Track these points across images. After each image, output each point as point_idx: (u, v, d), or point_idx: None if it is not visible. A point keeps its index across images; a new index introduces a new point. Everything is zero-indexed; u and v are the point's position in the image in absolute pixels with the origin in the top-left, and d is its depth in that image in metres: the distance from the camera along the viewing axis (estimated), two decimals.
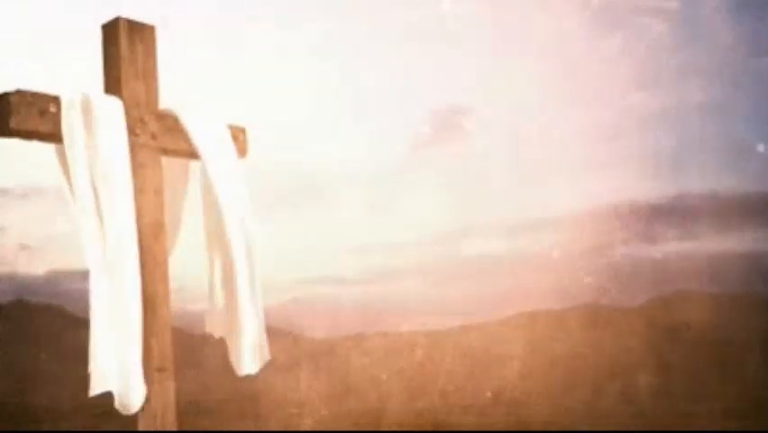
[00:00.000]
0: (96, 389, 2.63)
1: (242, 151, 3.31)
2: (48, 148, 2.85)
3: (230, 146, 3.23)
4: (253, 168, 3.32)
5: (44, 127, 2.74)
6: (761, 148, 16.43)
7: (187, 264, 3.21)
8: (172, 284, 2.98)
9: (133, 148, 2.90)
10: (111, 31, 3.01)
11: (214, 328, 3.21)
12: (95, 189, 2.74)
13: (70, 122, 2.76)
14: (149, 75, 3.05)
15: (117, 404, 2.70)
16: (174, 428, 2.91)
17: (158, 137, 3.02)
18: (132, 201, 2.81)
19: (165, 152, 3.07)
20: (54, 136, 2.78)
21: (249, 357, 3.12)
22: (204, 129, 3.15)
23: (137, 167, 2.89)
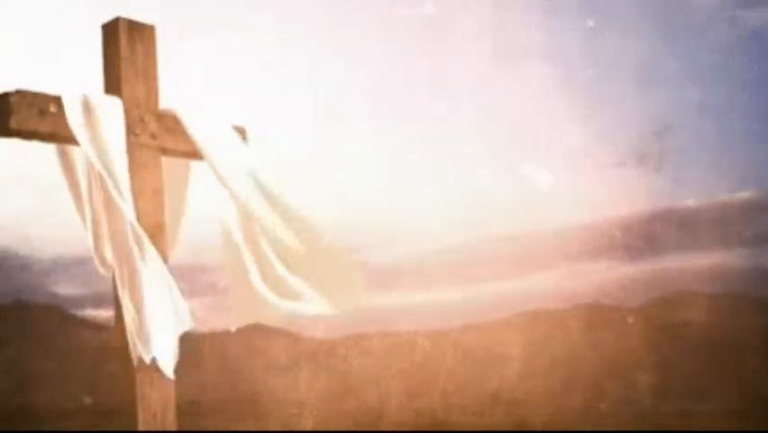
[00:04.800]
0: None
1: None
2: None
3: (236, 144, 3.23)
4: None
5: (44, 127, 2.74)
6: (762, 149, 16.45)
7: None
8: None
9: (133, 148, 2.91)
10: (111, 31, 3.02)
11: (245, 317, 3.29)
12: (99, 189, 2.75)
13: (72, 122, 2.77)
14: (149, 75, 3.05)
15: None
16: (174, 428, 2.92)
17: (158, 137, 3.02)
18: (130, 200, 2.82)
19: (165, 151, 3.07)
20: (54, 136, 2.78)
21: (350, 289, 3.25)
22: (207, 129, 3.16)
23: (137, 167, 2.89)
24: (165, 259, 2.97)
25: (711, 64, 16.17)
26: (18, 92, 2.69)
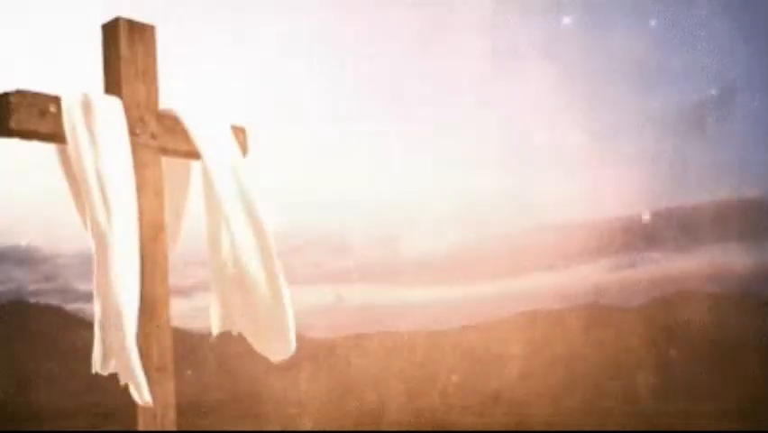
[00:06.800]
0: (123, 379, 2.67)
1: (242, 150, 3.31)
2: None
3: (232, 144, 3.22)
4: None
5: (44, 127, 2.74)
6: (762, 149, 16.46)
7: None
8: None
9: (133, 148, 2.90)
10: (111, 31, 3.01)
11: (225, 325, 3.21)
12: (98, 189, 2.74)
13: (71, 122, 2.76)
14: (149, 75, 3.04)
15: (135, 396, 2.71)
16: (174, 428, 2.91)
17: (158, 137, 3.02)
18: (134, 201, 2.81)
19: (165, 151, 3.07)
20: (54, 137, 2.77)
21: (281, 342, 3.10)
22: (205, 128, 3.15)
23: (137, 167, 2.89)
24: (165, 259, 2.97)
25: (712, 62, 16.17)
26: (18, 92, 2.68)
